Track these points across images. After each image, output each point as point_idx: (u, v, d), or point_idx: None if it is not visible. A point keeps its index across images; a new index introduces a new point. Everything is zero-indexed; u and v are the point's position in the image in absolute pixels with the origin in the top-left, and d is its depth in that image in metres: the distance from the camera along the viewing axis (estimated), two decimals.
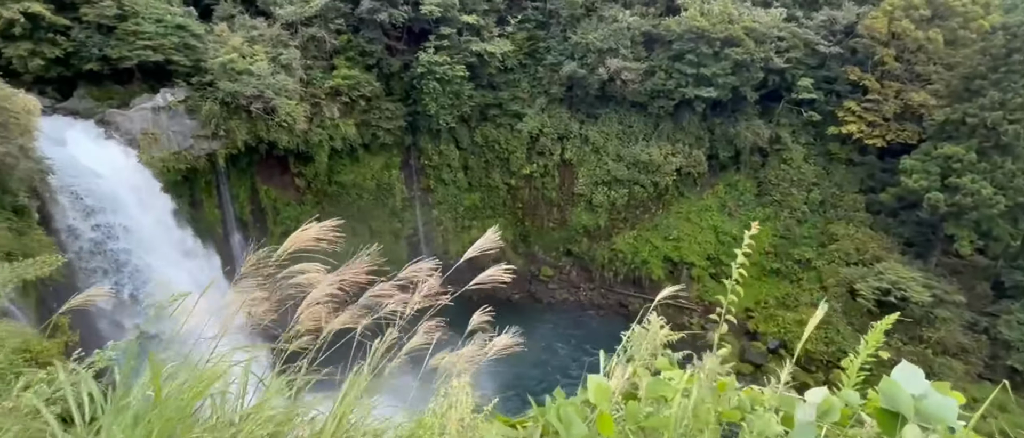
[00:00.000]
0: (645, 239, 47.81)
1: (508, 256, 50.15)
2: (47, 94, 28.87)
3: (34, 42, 27.76)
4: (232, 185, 37.69)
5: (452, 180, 47.62)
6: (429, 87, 41.28)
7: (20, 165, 21.45)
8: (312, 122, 37.36)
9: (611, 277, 48.98)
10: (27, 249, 20.15)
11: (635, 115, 47.12)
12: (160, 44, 29.92)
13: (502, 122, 47.10)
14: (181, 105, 31.71)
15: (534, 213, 49.79)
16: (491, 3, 44.11)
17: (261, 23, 35.97)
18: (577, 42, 44.41)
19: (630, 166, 46.51)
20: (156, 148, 30.15)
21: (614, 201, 47.19)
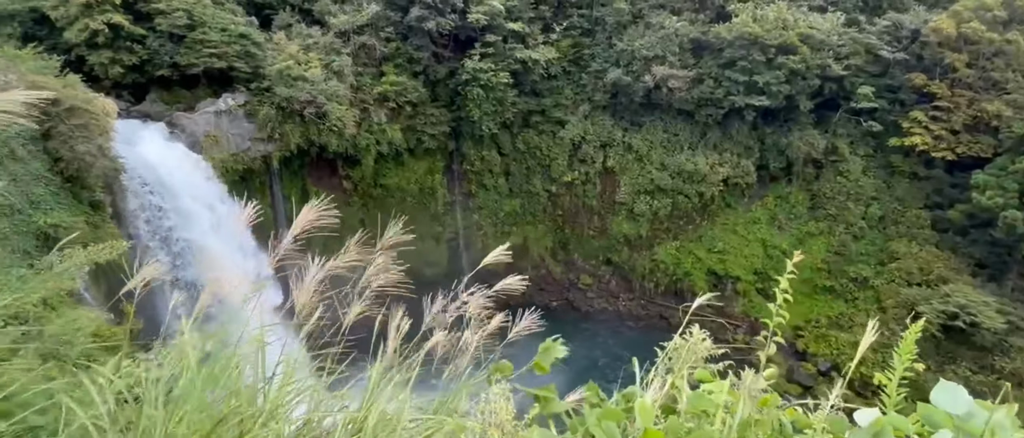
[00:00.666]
0: (688, 251, 46.55)
1: (547, 263, 50.03)
2: (123, 98, 31.21)
3: (114, 50, 30.09)
4: (284, 186, 39.43)
5: (493, 185, 48.03)
6: (473, 93, 41.90)
7: (98, 163, 23.24)
8: (360, 126, 38.62)
9: (651, 288, 47.94)
10: (100, 241, 21.79)
11: (681, 123, 46.09)
12: (224, 52, 31.79)
13: (544, 129, 47.17)
14: (241, 109, 33.53)
15: (574, 220, 49.47)
16: (537, 11, 44.38)
17: (316, 32, 37.58)
18: (623, 49, 43.98)
19: (674, 175, 45.47)
20: (217, 149, 31.97)
21: (656, 211, 46.24)
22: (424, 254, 46.57)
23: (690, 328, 2.66)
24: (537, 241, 50.02)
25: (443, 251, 47.71)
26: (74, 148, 21.76)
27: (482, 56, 41.59)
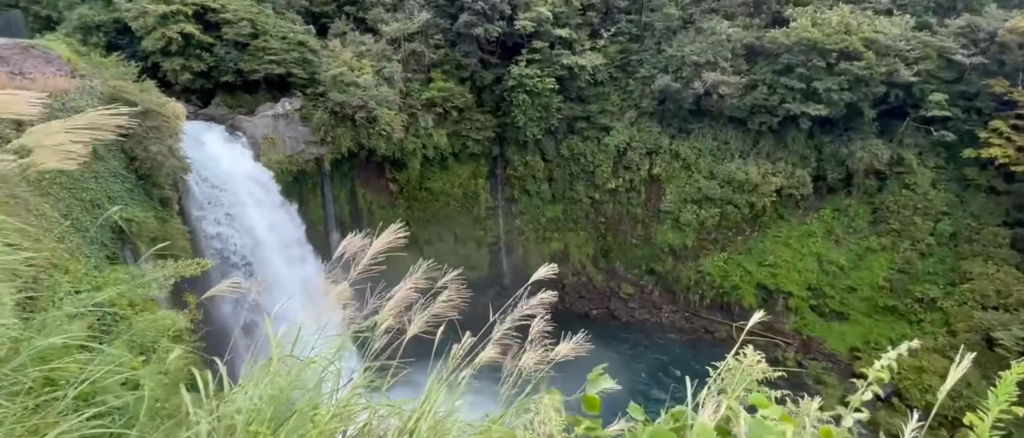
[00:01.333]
0: (737, 263, 44.91)
1: (588, 270, 49.51)
2: (191, 102, 33.34)
3: (185, 58, 32.23)
4: (334, 187, 40.94)
5: (536, 191, 48.05)
6: (519, 99, 42.15)
7: (167, 163, 24.92)
8: (408, 131, 39.61)
9: (696, 300, 46.54)
10: (167, 235, 23.32)
11: (732, 131, 44.64)
12: (283, 58, 33.44)
13: (589, 135, 46.82)
14: (297, 113, 35.13)
15: (617, 228, 48.76)
16: (585, 17, 44.22)
17: (369, 39, 38.90)
18: (672, 55, 43.11)
19: (723, 184, 44.04)
20: (274, 151, 33.61)
21: (703, 220, 44.89)
22: (466, 257, 47.12)
23: (744, 348, 2.57)
24: (578, 248, 49.62)
25: (484, 255, 48.13)
26: (147, 148, 23.42)
27: (528, 62, 41.81)
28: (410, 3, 39.98)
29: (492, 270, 48.36)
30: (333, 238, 40.96)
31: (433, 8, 40.82)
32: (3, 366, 2.35)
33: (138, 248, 22.01)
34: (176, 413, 3.26)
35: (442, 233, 45.84)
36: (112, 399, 2.98)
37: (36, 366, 2.66)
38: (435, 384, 2.59)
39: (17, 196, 13.13)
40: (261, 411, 2.35)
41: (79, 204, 19.16)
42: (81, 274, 14.44)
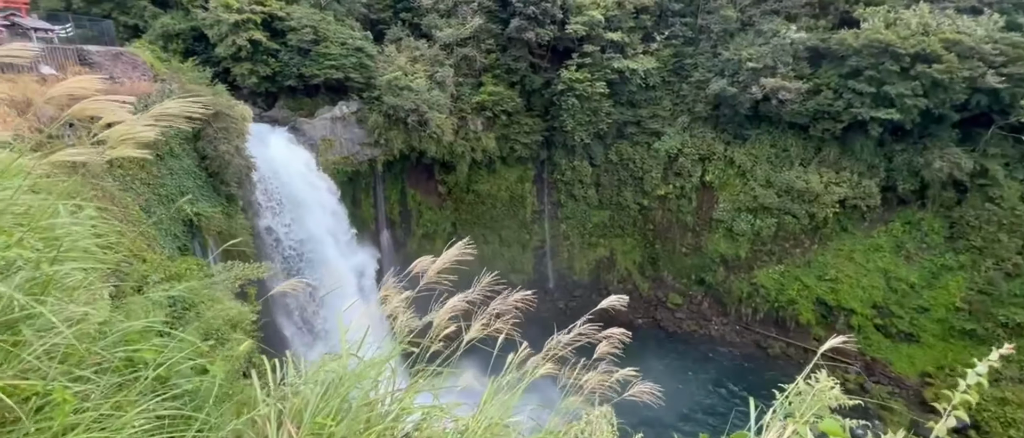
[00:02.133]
0: (794, 276, 42.68)
1: (634, 278, 48.51)
2: (257, 105, 35.32)
3: (253, 63, 34.19)
4: (386, 188, 42.20)
5: (582, 196, 47.61)
6: (568, 103, 41.97)
7: (234, 161, 26.49)
8: (458, 134, 40.28)
9: (749, 314, 44.58)
10: (232, 230, 24.77)
11: (792, 138, 42.53)
12: (342, 63, 34.83)
13: (639, 140, 45.92)
14: (353, 116, 36.48)
15: (666, 236, 47.50)
16: (638, 20, 43.49)
17: (423, 44, 39.90)
18: (728, 58, 41.63)
19: (781, 193, 42.00)
20: (331, 152, 35.03)
21: (759, 230, 42.97)
22: (511, 260, 47.34)
23: (816, 371, 2.41)
24: (625, 255, 48.71)
25: (529, 258, 48.15)
26: (217, 147, 24.99)
27: (579, 66, 41.57)
28: (464, 9, 40.67)
29: (536, 273, 48.30)
30: (383, 237, 42.20)
31: (485, 13, 41.35)
32: (93, 345, 2.55)
33: (205, 240, 23.50)
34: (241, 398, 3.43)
35: (488, 235, 46.24)
36: (184, 383, 3.18)
37: (120, 348, 2.87)
38: (492, 391, 2.60)
39: (106, 190, 14.29)
40: (328, 403, 2.43)
41: (157, 198, 20.67)
42: (157, 263, 15.57)
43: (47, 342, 1.99)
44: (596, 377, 3.38)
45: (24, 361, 1.85)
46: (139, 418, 2.12)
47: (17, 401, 1.65)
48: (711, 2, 43.59)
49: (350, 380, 2.54)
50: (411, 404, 2.71)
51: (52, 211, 3.20)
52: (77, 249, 3.23)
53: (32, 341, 1.96)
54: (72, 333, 2.27)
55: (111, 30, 31.59)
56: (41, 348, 1.93)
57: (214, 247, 23.73)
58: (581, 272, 48.94)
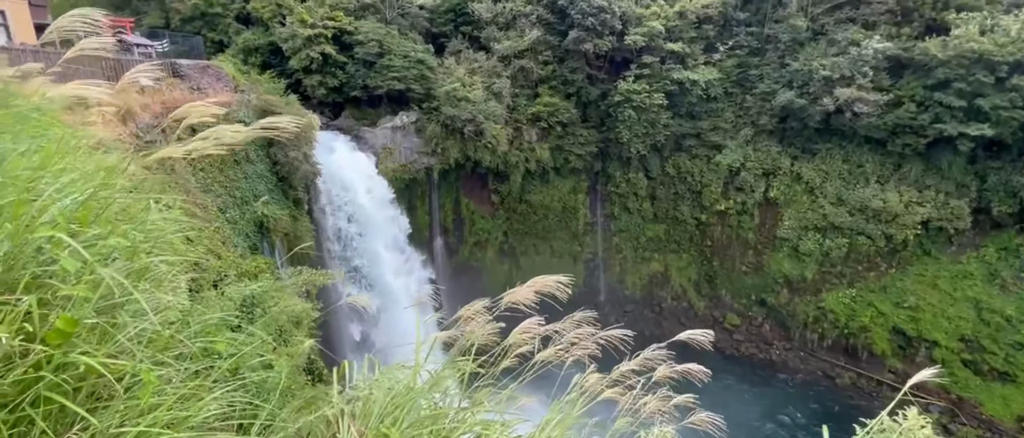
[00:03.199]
0: (867, 301, 39.63)
1: (689, 295, 46.79)
2: (324, 114, 37.30)
3: (322, 75, 36.19)
4: (441, 196, 43.20)
5: (636, 209, 46.59)
6: (624, 115, 41.40)
7: (302, 167, 28.06)
8: (512, 144, 40.68)
9: (814, 339, 41.78)
10: (298, 232, 26.16)
11: (867, 153, 39.77)
12: (404, 75, 36.19)
13: (698, 153, 44.48)
14: (412, 126, 37.74)
15: (724, 253, 45.54)
16: (700, 30, 42.37)
17: (481, 56, 40.76)
18: (797, 69, 39.65)
19: (855, 212, 39.27)
20: (390, 160, 36.36)
21: (828, 251, 40.32)
22: (561, 272, 46.86)
23: (902, 407, 2.22)
24: (680, 271, 47.10)
25: (580, 271, 47.58)
26: (288, 154, 26.57)
27: (637, 77, 40.98)
28: (522, 22, 41.22)
29: (586, 286, 47.63)
30: (436, 243, 43.13)
31: (543, 26, 41.71)
32: (176, 333, 2.77)
33: (273, 241, 24.94)
34: (303, 395, 3.60)
35: (539, 246, 46.17)
36: (252, 375, 3.38)
37: (198, 338, 3.09)
38: (556, 412, 2.59)
39: (190, 190, 15.51)
40: (395, 413, 2.51)
41: (232, 200, 22.19)
42: (231, 260, 16.68)
43: (139, 327, 2.19)
44: (654, 402, 3.28)
45: (119, 343, 2.05)
46: (214, 404, 2.27)
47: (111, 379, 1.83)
48: (779, 11, 41.79)
49: (417, 391, 2.62)
50: (474, 419, 2.75)
51: (144, 207, 3.52)
52: (164, 243, 3.52)
53: (127, 325, 2.16)
54: (158, 320, 2.47)
55: (200, 45, 34.48)
56: (133, 331, 2.13)
57: (281, 247, 25.13)
58: (633, 287, 47.75)
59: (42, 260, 2.13)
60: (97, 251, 2.23)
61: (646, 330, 44.21)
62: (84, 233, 2.29)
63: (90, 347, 1.94)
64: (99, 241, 2.31)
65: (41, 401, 1.68)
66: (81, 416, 1.71)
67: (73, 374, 1.79)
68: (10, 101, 4.82)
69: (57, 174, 2.75)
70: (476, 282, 41.95)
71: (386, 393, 2.58)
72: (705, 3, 41.15)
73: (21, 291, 1.96)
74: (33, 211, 2.22)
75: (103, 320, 2.10)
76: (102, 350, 1.96)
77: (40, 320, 1.83)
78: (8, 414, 1.65)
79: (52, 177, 2.72)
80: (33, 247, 2.13)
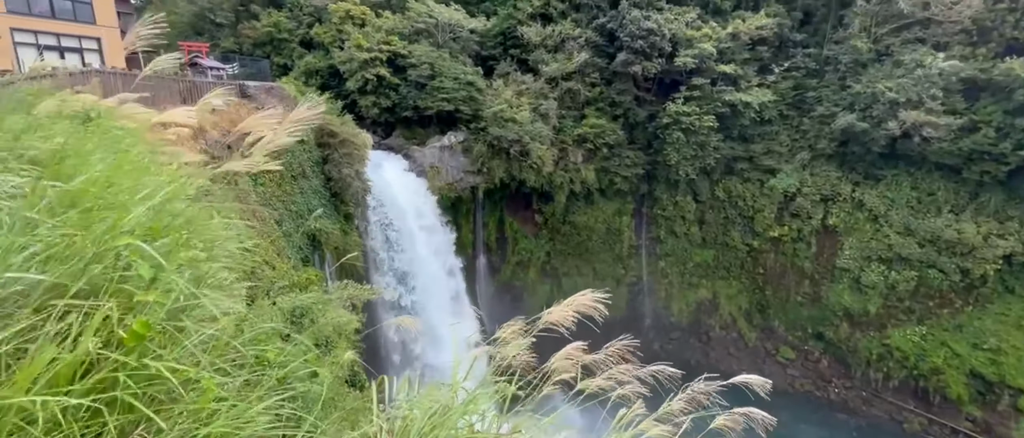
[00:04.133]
0: (940, 341, 36.56)
1: (738, 325, 44.74)
2: (376, 133, 38.78)
3: (376, 96, 37.76)
4: (485, 214, 43.66)
5: (684, 233, 45.30)
6: (673, 137, 40.69)
7: (354, 184, 29.18)
8: (557, 165, 40.76)
9: (879, 379, 38.81)
10: (347, 245, 27.08)
11: (939, 180, 37.15)
12: (453, 96, 37.21)
13: (750, 177, 42.95)
14: (459, 145, 38.58)
15: (778, 282, 43.37)
16: (754, 52, 41.33)
17: (529, 79, 41.35)
18: (860, 91, 37.82)
19: (925, 243, 36.60)
20: (438, 179, 37.22)
21: (894, 284, 37.63)
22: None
23: None
24: (730, 299, 45.18)
25: (623, 294, 46.54)
26: (341, 171, 27.74)
27: (686, 99, 40.31)
28: (570, 45, 41.62)
29: (630, 311, 46.47)
30: (479, 261, 43.48)
31: (592, 48, 41.92)
32: (233, 340, 2.93)
33: (324, 254, 25.91)
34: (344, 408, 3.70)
35: (581, 267, 45.62)
36: (299, 385, 3.51)
37: (252, 346, 3.25)
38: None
39: (250, 206, 16.44)
40: (433, 434, 2.55)
41: (288, 213, 23.31)
42: (283, 271, 17.46)
43: (203, 333, 2.35)
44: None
45: (184, 348, 2.20)
46: (265, 415, 2.38)
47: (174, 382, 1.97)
48: (839, 32, 40.23)
49: (457, 412, 2.65)
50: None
51: (208, 217, 3.78)
52: (225, 253, 3.76)
53: (191, 331, 2.32)
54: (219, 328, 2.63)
55: (266, 68, 36.84)
56: (198, 338, 2.28)
57: (330, 260, 26.04)
58: (679, 313, 46.15)
59: (120, 266, 2.34)
60: (169, 259, 2.42)
61: (693, 359, 42.50)
62: (157, 242, 2.49)
63: (158, 350, 2.10)
64: (170, 251, 2.51)
65: (115, 403, 1.83)
66: (147, 417, 1.84)
67: (142, 376, 1.94)
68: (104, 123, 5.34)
69: (136, 189, 3.01)
70: (518, 302, 41.84)
71: (425, 413, 2.62)
72: (759, 25, 40.17)
73: (102, 296, 2.15)
74: (115, 221, 2.45)
75: (170, 325, 2.26)
76: (171, 355, 2.11)
77: (117, 323, 2.00)
78: (84, 413, 1.80)
79: (132, 191, 2.99)
80: (113, 254, 2.34)
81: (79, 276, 2.09)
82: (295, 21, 43.31)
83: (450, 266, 35.53)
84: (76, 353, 1.79)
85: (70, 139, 3.98)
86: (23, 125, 4.58)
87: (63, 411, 1.70)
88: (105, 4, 26.09)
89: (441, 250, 34.76)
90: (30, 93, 7.14)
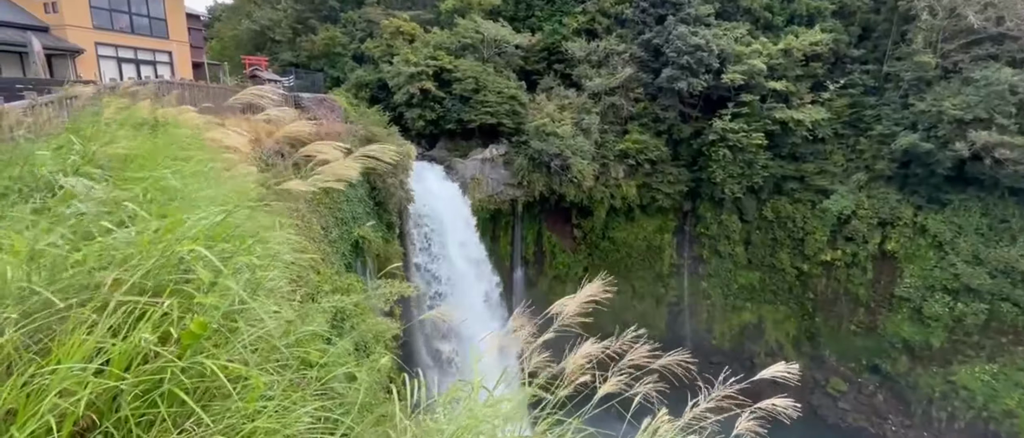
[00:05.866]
0: (1014, 381, 33.63)
1: (785, 352, 42.63)
2: (420, 145, 39.72)
3: (422, 109, 38.76)
4: (524, 228, 43.73)
5: (729, 253, 43.78)
6: (718, 154, 39.63)
7: (397, 194, 29.96)
8: (598, 180, 40.43)
9: (942, 419, 35.98)
10: (388, 253, 27.75)
11: (1013, 206, 34.49)
12: (496, 110, 37.71)
13: (801, 197, 41.18)
14: (501, 158, 38.96)
15: (830, 309, 41.14)
16: (807, 68, 39.86)
17: (572, 93, 41.42)
18: (923, 110, 35.76)
19: (997, 274, 33.93)
20: (478, 191, 37.66)
21: (961, 316, 34.99)
22: (642, 314, 45.04)
23: None
24: (777, 324, 43.17)
25: (662, 314, 45.35)
26: (385, 181, 28.55)
27: (734, 116, 39.26)
28: (615, 60, 41.46)
29: (670, 332, 45.15)
30: (516, 274, 43.50)
31: (636, 63, 41.59)
32: (280, 342, 3.09)
33: (366, 261, 26.64)
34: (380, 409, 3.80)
35: (620, 284, 44.61)
36: (338, 387, 3.63)
37: (296, 348, 3.41)
38: None
39: (300, 211, 17.18)
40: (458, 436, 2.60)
41: (334, 220, 24.15)
42: (328, 276, 18.07)
43: (254, 334, 2.50)
44: None
45: (235, 348, 2.35)
46: (306, 417, 2.50)
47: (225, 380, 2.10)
48: (901, 48, 38.27)
49: (480, 418, 2.69)
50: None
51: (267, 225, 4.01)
52: (278, 259, 3.97)
53: (244, 331, 2.47)
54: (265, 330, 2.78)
55: (320, 81, 38.54)
56: (249, 338, 2.43)
57: (372, 267, 26.73)
58: (722, 337, 44.46)
59: (183, 269, 2.52)
60: (228, 264, 2.59)
61: (735, 386, 40.73)
62: (217, 248, 2.68)
63: (212, 349, 2.25)
64: (229, 257, 2.69)
65: (166, 396, 1.98)
66: (196, 413, 1.97)
67: (195, 373, 2.08)
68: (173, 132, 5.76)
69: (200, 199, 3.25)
70: (553, 316, 41.44)
71: (450, 420, 2.67)
72: (813, 41, 38.77)
73: (166, 296, 2.33)
74: (180, 227, 2.65)
75: (224, 324, 2.42)
76: (222, 354, 2.26)
77: (177, 322, 2.17)
78: (140, 403, 1.96)
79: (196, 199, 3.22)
80: (177, 258, 2.53)
81: (146, 276, 2.29)
82: (349, 36, 45.22)
83: (487, 275, 35.71)
84: (127, 343, 1.95)
85: (138, 145, 4.34)
86: (95, 130, 5.04)
87: (113, 397, 1.85)
88: (178, 21, 28.16)
89: (478, 259, 35.03)
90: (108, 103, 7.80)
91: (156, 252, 2.46)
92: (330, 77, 43.78)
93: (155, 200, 3.41)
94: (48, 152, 4.43)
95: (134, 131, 5.78)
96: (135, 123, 7.09)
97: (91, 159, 4.45)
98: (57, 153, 4.48)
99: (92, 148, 4.50)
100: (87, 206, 3.16)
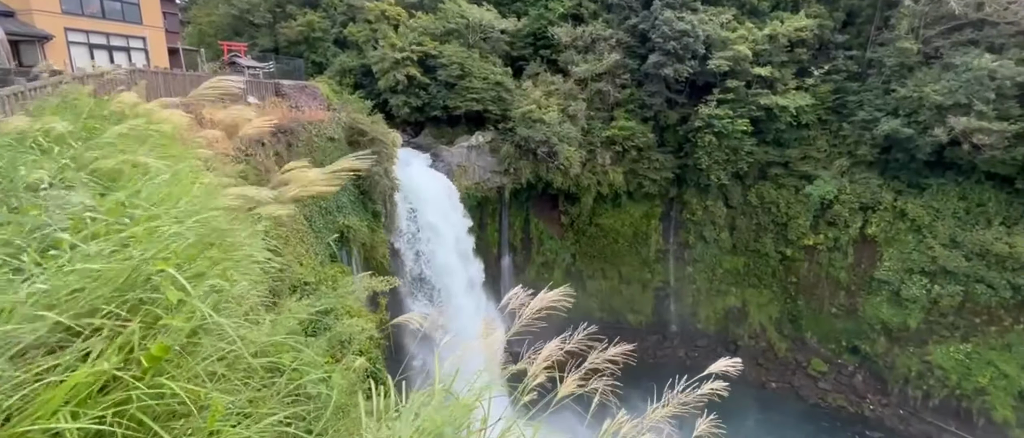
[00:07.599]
0: (986, 360, 34.77)
1: (768, 335, 43.58)
2: (406, 132, 39.39)
3: (406, 95, 38.35)
4: (511, 215, 43.78)
5: (714, 239, 44.34)
6: (704, 140, 39.87)
7: (382, 182, 29.73)
8: (585, 167, 40.49)
9: (918, 397, 37.19)
10: (374, 243, 27.65)
11: (990, 191, 35.29)
12: (482, 97, 37.44)
13: (785, 183, 41.70)
14: (487, 145, 38.79)
15: (812, 292, 42.01)
16: (792, 54, 40.04)
17: (558, 79, 41.19)
18: (905, 96, 36.23)
19: (972, 256, 34.84)
20: (465, 178, 37.54)
21: (937, 298, 35.97)
22: (629, 299, 45.63)
23: None
24: (760, 308, 44.02)
25: (648, 299, 45.96)
26: (370, 169, 28.33)
27: (719, 102, 39.41)
28: (601, 45, 41.25)
29: (655, 316, 45.85)
30: (504, 261, 43.67)
31: (623, 49, 41.43)
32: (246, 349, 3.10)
33: (351, 250, 26.52)
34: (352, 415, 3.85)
35: (607, 270, 45.25)
36: (311, 389, 3.67)
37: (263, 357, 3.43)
38: None
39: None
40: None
41: (318, 210, 23.96)
42: (311, 267, 18.00)
43: (217, 352, 2.51)
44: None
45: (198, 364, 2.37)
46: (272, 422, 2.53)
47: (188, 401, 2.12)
48: (884, 34, 38.57)
49: (441, 425, 2.74)
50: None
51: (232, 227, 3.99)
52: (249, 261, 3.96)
53: (207, 347, 2.49)
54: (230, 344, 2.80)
55: (301, 67, 37.81)
56: (214, 355, 2.45)
57: (358, 256, 26.62)
58: (706, 321, 45.24)
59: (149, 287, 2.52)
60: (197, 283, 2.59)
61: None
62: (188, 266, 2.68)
63: (173, 370, 2.26)
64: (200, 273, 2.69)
65: (124, 417, 1.99)
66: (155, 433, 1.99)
67: (156, 393, 2.10)
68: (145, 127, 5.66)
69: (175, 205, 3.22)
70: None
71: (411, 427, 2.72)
72: (799, 26, 38.90)
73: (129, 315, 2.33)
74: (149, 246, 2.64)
75: (188, 342, 2.43)
76: (185, 372, 2.28)
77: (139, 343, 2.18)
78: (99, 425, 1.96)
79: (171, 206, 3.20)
80: (145, 277, 2.52)
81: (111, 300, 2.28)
82: (329, 20, 44.36)
83: (472, 262, 35.79)
84: (93, 370, 1.96)
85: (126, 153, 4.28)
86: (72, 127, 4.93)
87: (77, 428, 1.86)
88: (151, 5, 27.36)
89: (464, 246, 35.06)
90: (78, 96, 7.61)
91: (123, 275, 2.45)
92: (312, 63, 43.00)
93: (137, 207, 3.37)
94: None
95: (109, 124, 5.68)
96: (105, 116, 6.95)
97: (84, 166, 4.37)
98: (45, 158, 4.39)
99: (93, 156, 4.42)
100: (53, 218, 3.12)
